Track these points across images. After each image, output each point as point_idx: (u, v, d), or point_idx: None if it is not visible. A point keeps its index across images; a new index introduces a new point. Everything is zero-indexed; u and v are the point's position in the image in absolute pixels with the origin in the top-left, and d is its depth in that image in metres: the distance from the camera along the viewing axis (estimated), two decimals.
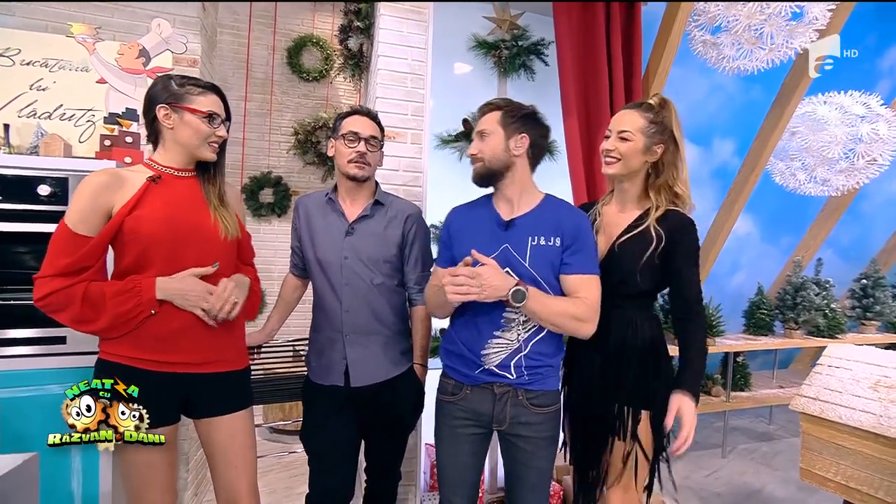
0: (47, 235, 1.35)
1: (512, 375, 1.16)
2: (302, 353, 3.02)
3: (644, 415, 1.22)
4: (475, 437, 1.22)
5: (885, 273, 3.50)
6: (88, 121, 1.79)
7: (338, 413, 1.36)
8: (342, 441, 1.37)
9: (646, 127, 1.22)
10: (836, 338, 3.14)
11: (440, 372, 1.31)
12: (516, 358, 1.16)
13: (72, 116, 1.78)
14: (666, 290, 1.31)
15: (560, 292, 1.17)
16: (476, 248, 1.15)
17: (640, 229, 1.23)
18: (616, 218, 1.31)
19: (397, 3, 1.90)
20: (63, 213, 1.39)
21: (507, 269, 1.14)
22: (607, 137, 1.28)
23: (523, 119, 1.18)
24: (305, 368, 1.47)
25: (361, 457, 1.49)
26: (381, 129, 1.42)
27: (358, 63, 2.20)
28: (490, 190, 1.28)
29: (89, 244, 1.01)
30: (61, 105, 1.77)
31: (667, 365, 1.26)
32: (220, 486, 1.19)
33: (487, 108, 1.21)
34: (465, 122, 2.16)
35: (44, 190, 1.39)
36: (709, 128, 3.27)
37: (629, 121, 1.24)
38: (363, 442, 1.45)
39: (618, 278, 1.24)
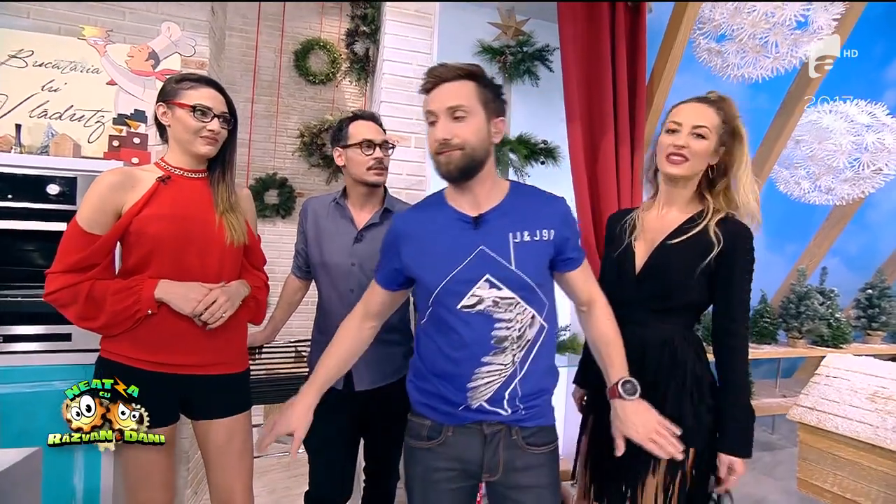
0: (56, 234, 1.39)
1: (506, 410, 0.94)
2: (304, 353, 3.03)
3: (691, 452, 1.05)
4: (461, 491, 0.99)
5: (891, 283, 3.47)
6: (98, 121, 1.82)
7: (338, 412, 1.37)
8: (341, 440, 1.38)
9: (719, 126, 1.07)
10: (841, 347, 3.11)
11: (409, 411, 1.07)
12: (511, 386, 0.93)
13: (81, 117, 1.81)
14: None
15: (550, 292, 0.99)
16: (442, 254, 0.94)
17: (695, 231, 1.08)
18: (660, 222, 1.16)
19: (403, 2, 1.92)
20: (71, 212, 1.43)
21: (487, 275, 0.91)
22: (672, 132, 1.09)
23: (500, 95, 0.97)
24: (307, 369, 1.48)
25: (361, 458, 1.50)
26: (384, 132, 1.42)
27: (364, 67, 2.22)
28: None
29: (97, 242, 1.03)
30: (72, 106, 1.80)
31: (714, 392, 1.10)
32: (215, 487, 1.20)
33: (453, 73, 0.91)
34: None
35: (53, 189, 1.42)
36: None
37: (706, 116, 1.07)
38: (363, 441, 1.46)
39: (660, 288, 1.10)
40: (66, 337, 1.41)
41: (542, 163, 2.35)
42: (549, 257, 0.96)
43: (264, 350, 2.61)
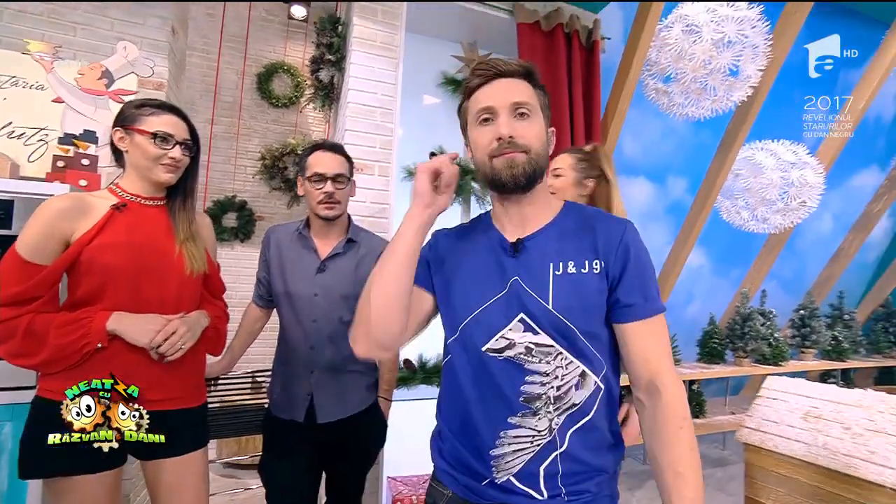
0: None
1: (542, 494, 0.72)
2: (262, 383, 2.90)
3: None
4: None
5: (818, 304, 3.79)
6: (41, 140, 1.72)
7: (298, 445, 1.32)
8: (301, 474, 1.33)
9: (575, 164, 1.37)
10: (780, 365, 3.34)
11: (431, 472, 0.86)
12: (549, 460, 0.72)
13: (21, 135, 1.70)
14: None
15: (609, 345, 0.76)
16: (471, 281, 0.79)
17: None
18: None
19: (369, 33, 1.96)
20: (5, 237, 1.33)
21: (521, 315, 0.74)
22: None
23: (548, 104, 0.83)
24: (264, 400, 1.43)
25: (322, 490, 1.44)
26: (350, 161, 1.40)
27: (328, 94, 2.23)
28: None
29: (41, 274, 0.96)
30: (10, 122, 1.69)
31: None
32: None
33: (513, 68, 0.77)
34: (433, 155, 2.22)
35: None
36: (664, 166, 3.50)
37: (560, 160, 1.40)
38: (324, 475, 1.41)
39: None
40: None
41: None
42: (601, 296, 0.74)
43: (219, 381, 2.48)
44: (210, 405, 2.36)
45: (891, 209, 4.18)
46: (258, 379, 2.83)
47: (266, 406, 1.43)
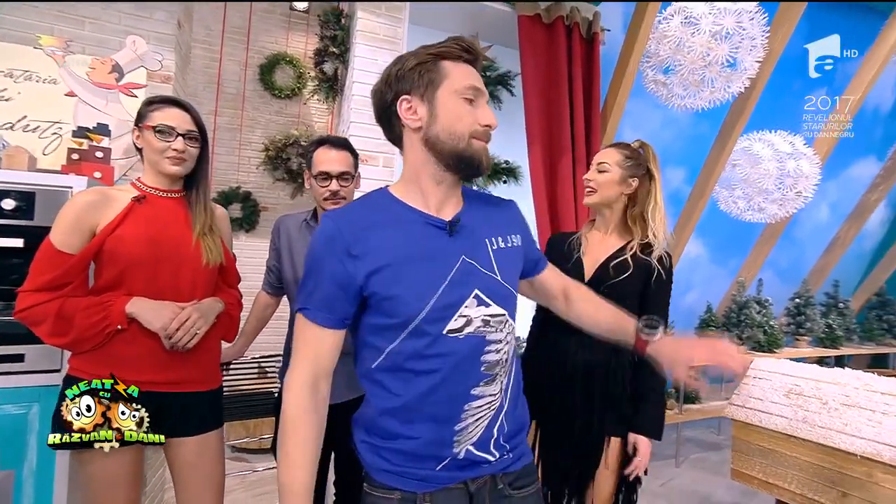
0: (11, 250, 1.35)
1: (493, 455, 0.78)
2: (268, 370, 2.98)
3: (618, 441, 1.22)
4: None
5: (814, 293, 3.85)
6: (54, 133, 1.76)
7: None
8: None
9: (622, 161, 1.30)
10: (774, 352, 3.41)
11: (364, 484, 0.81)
12: (499, 422, 0.78)
13: (36, 128, 1.75)
14: None
15: (515, 302, 0.85)
16: (419, 268, 0.74)
17: (624, 257, 1.26)
18: (601, 242, 1.35)
19: (373, 27, 2.00)
20: (28, 227, 1.39)
21: (476, 290, 0.76)
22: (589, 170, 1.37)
23: None
24: (271, 385, 1.49)
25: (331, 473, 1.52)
26: (355, 155, 1.42)
27: (332, 86, 2.27)
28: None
29: (71, 261, 1.03)
30: (25, 116, 1.74)
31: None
32: None
33: (482, 66, 0.84)
34: None
35: (8, 204, 1.37)
36: (662, 157, 3.51)
37: (607, 155, 1.33)
38: (333, 455, 1.48)
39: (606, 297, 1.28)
40: (19, 358, 1.35)
41: (505, 182, 2.48)
42: (522, 264, 0.88)
43: (230, 366, 2.55)
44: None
45: (887, 199, 4.22)
46: (263, 365, 2.92)
47: (275, 391, 1.49)
